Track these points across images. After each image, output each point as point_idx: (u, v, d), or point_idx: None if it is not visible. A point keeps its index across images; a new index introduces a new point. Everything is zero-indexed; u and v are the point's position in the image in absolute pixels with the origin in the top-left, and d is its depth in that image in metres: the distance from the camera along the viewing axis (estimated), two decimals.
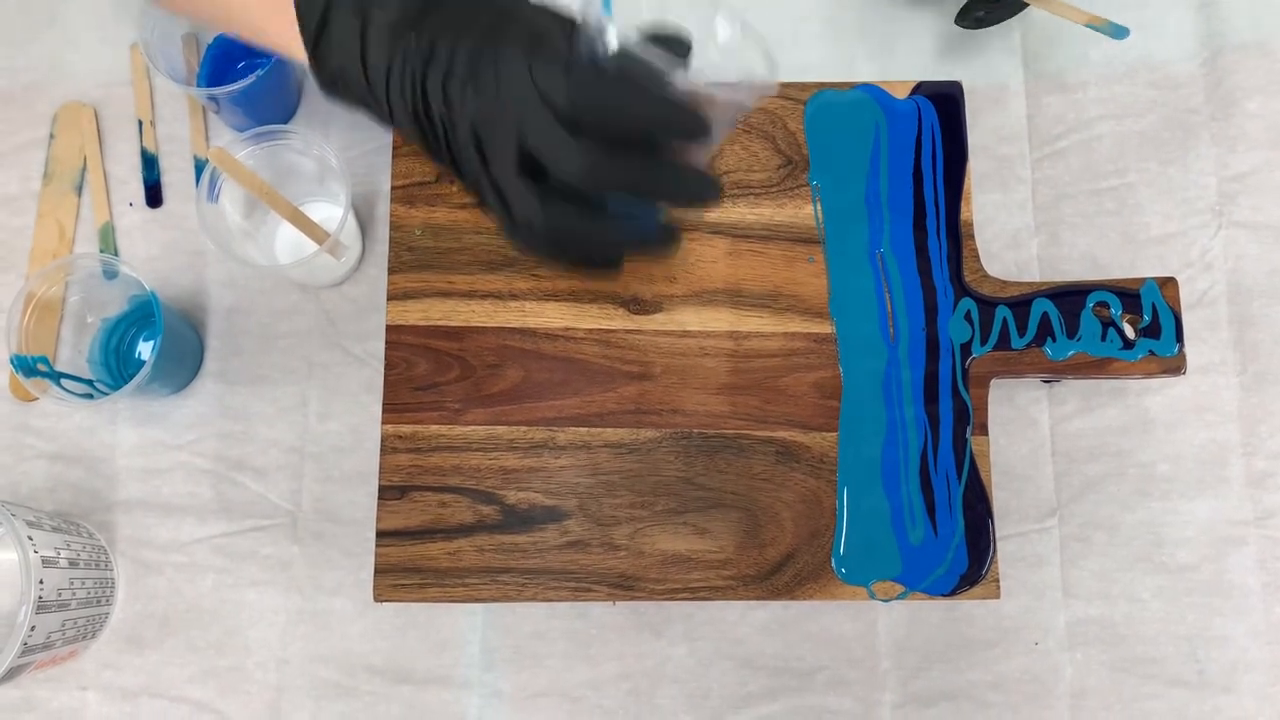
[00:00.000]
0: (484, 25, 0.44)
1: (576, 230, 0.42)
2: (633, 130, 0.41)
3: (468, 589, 0.54)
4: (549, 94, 0.41)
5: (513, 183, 0.41)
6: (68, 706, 0.61)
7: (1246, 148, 0.67)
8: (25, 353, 0.58)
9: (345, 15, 0.45)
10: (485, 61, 0.42)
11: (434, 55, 0.43)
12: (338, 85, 0.46)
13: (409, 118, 0.44)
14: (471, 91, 0.42)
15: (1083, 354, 0.56)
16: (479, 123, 0.42)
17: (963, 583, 0.54)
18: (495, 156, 0.42)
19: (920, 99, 0.59)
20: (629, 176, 0.40)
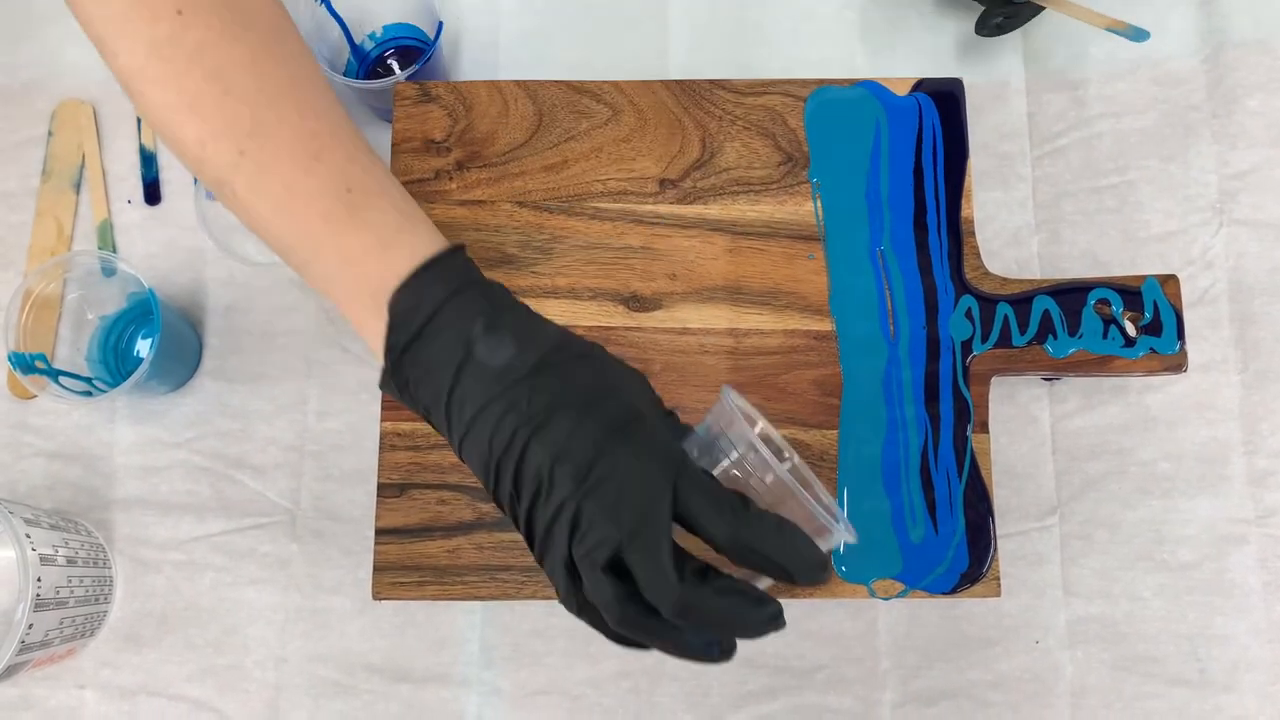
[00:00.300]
0: (610, 415, 0.41)
1: (644, 634, 0.40)
2: (736, 558, 0.40)
3: (467, 587, 0.54)
4: (665, 514, 0.39)
5: (597, 578, 0.39)
6: (65, 705, 0.60)
7: (1247, 145, 0.66)
8: (23, 350, 0.58)
9: (446, 340, 0.42)
10: (611, 462, 0.40)
11: (548, 426, 0.40)
12: (403, 394, 0.44)
13: (482, 463, 0.42)
14: (588, 487, 0.39)
15: (1084, 351, 0.56)
16: (584, 515, 0.39)
17: (963, 581, 0.54)
18: (586, 551, 0.39)
19: (921, 96, 0.59)
20: (715, 617, 0.39)
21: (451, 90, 0.60)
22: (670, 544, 0.39)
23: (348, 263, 0.44)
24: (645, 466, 0.40)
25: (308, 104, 0.45)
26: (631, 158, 0.59)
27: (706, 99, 0.59)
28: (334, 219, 0.44)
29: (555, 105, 0.59)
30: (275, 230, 0.45)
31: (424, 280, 0.43)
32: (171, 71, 0.42)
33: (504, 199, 0.58)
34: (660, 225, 0.58)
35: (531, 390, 0.41)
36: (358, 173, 0.45)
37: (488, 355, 0.41)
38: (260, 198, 0.44)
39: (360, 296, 0.44)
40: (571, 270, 0.57)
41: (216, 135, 0.43)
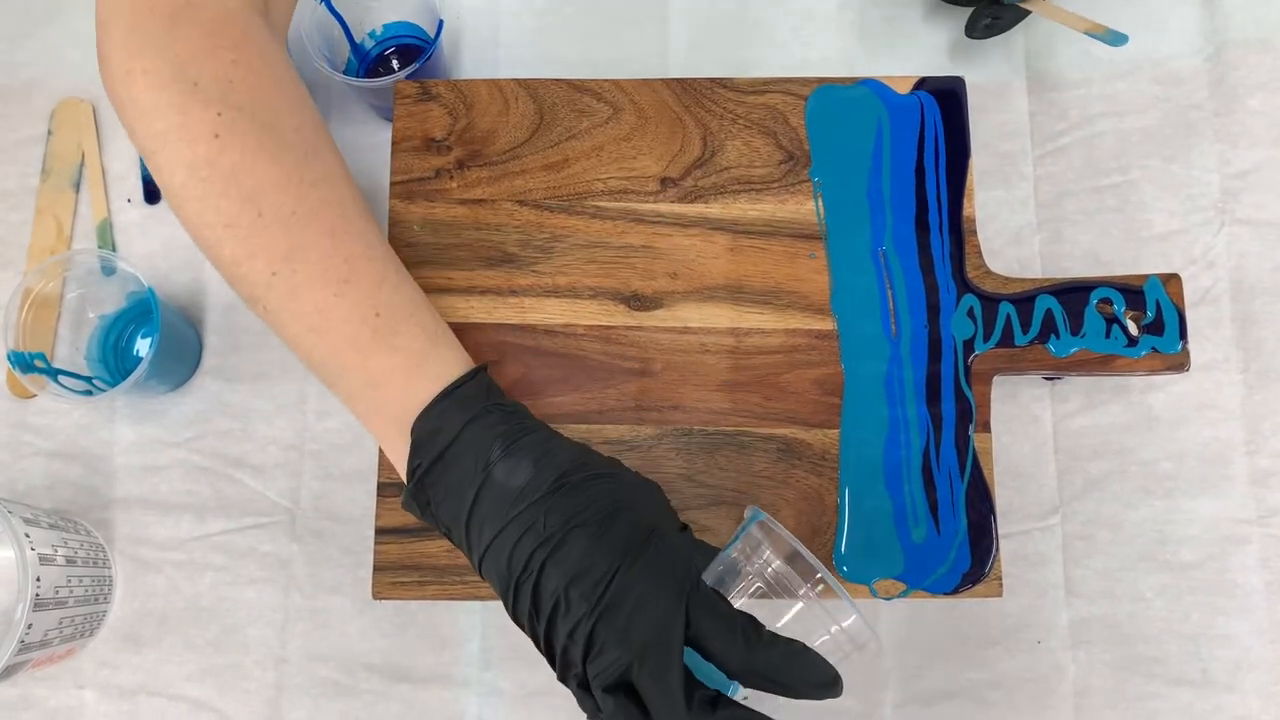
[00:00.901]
0: (624, 536, 0.42)
1: None
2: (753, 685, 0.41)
3: (467, 586, 0.54)
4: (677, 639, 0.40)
5: (605, 699, 0.40)
6: (65, 705, 0.60)
7: (1249, 145, 0.66)
8: (22, 349, 0.58)
9: (466, 463, 0.44)
10: (624, 583, 0.41)
11: (563, 548, 0.42)
12: (424, 513, 0.45)
13: (501, 582, 0.43)
14: (601, 609, 0.40)
15: (1086, 351, 0.56)
16: (597, 637, 0.40)
17: (965, 581, 0.54)
18: (597, 672, 0.40)
19: (923, 94, 0.59)
20: None
21: (452, 89, 0.59)
22: (680, 669, 0.39)
23: (373, 386, 0.46)
24: (658, 589, 0.41)
25: (340, 226, 0.46)
26: (632, 156, 0.58)
27: (707, 97, 0.59)
28: (361, 344, 0.45)
29: (556, 104, 0.59)
30: (306, 347, 0.46)
31: (445, 406, 0.44)
32: (209, 192, 0.44)
33: (504, 198, 0.58)
34: (661, 224, 0.58)
35: (547, 512, 0.42)
36: (386, 295, 0.46)
37: (505, 477, 0.43)
38: (291, 317, 0.45)
39: (385, 418, 0.46)
40: (572, 269, 0.57)
41: (251, 255, 0.44)
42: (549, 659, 0.43)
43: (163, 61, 0.44)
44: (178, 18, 0.44)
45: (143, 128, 0.44)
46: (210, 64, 0.44)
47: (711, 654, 0.40)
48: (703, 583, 0.42)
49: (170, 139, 0.43)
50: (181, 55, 0.44)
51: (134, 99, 0.44)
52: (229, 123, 0.44)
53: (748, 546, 0.44)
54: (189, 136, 0.43)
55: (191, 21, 0.44)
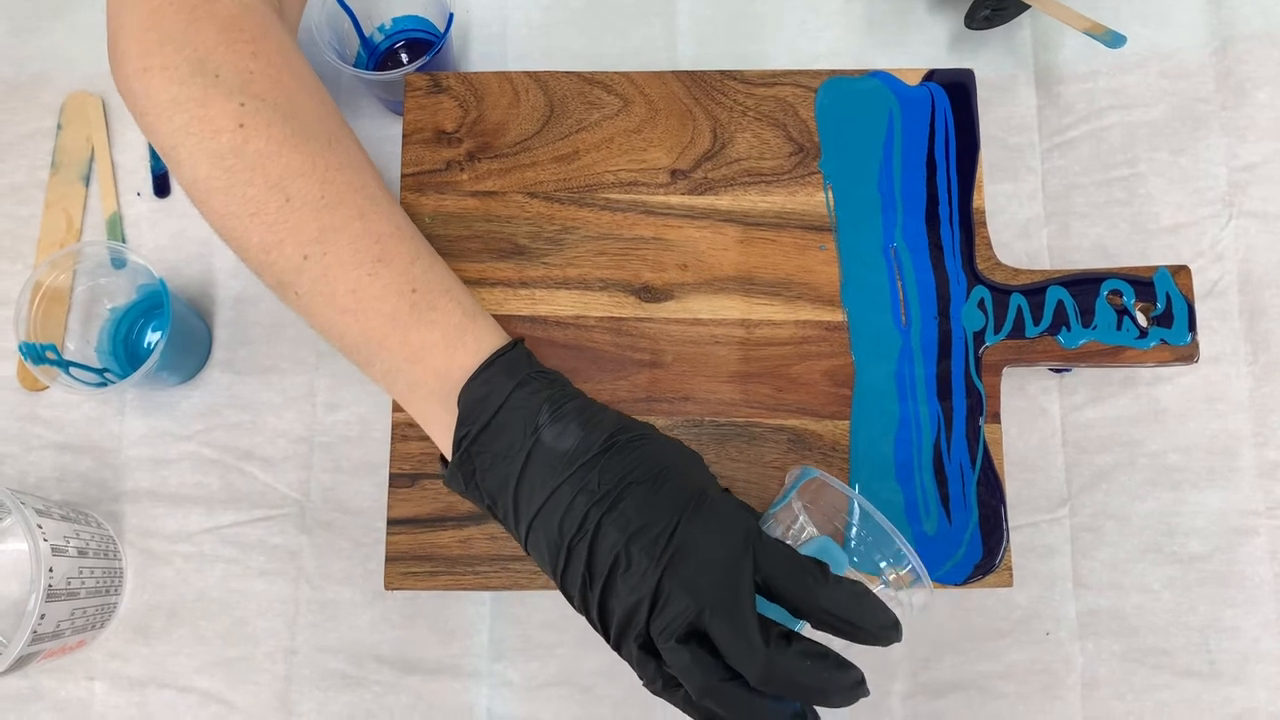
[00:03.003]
0: (679, 491, 0.42)
1: (728, 705, 0.40)
2: (825, 629, 0.41)
3: (479, 577, 0.54)
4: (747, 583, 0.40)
5: (675, 648, 0.40)
6: (75, 696, 0.60)
7: (1257, 138, 0.66)
8: (34, 341, 0.58)
9: (514, 428, 0.44)
10: (687, 535, 0.41)
11: (619, 506, 0.42)
12: (469, 485, 0.45)
13: (551, 548, 0.43)
14: (666, 561, 0.41)
15: (1095, 342, 0.56)
16: (663, 589, 0.40)
17: (976, 572, 0.54)
18: (665, 624, 0.40)
19: (933, 86, 0.59)
20: (801, 681, 0.39)
21: (462, 81, 0.60)
22: (753, 608, 0.40)
23: (413, 361, 0.46)
24: (722, 537, 0.41)
25: (369, 208, 0.46)
26: (642, 148, 0.59)
27: (717, 90, 0.59)
28: (399, 319, 0.45)
29: (566, 96, 0.59)
30: (339, 329, 0.46)
31: (490, 374, 0.45)
32: (235, 181, 0.44)
33: (515, 190, 0.58)
34: (671, 216, 0.58)
35: (601, 471, 0.42)
36: (420, 272, 0.46)
37: (554, 440, 0.43)
38: (324, 301, 0.45)
39: (426, 392, 0.46)
40: (582, 261, 0.57)
41: (281, 241, 0.44)
42: (602, 626, 0.43)
43: (181, 57, 0.44)
44: (196, 13, 0.44)
45: (162, 124, 0.44)
46: (230, 56, 0.44)
47: (780, 595, 0.40)
48: (763, 530, 0.42)
49: (192, 131, 0.43)
50: (200, 49, 0.44)
51: (151, 95, 0.44)
52: (252, 112, 0.44)
53: (800, 501, 0.45)
54: (212, 128, 0.43)
55: (210, 16, 0.44)
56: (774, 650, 0.39)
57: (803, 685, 0.39)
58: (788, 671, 0.39)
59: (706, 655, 0.39)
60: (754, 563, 0.40)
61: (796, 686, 0.39)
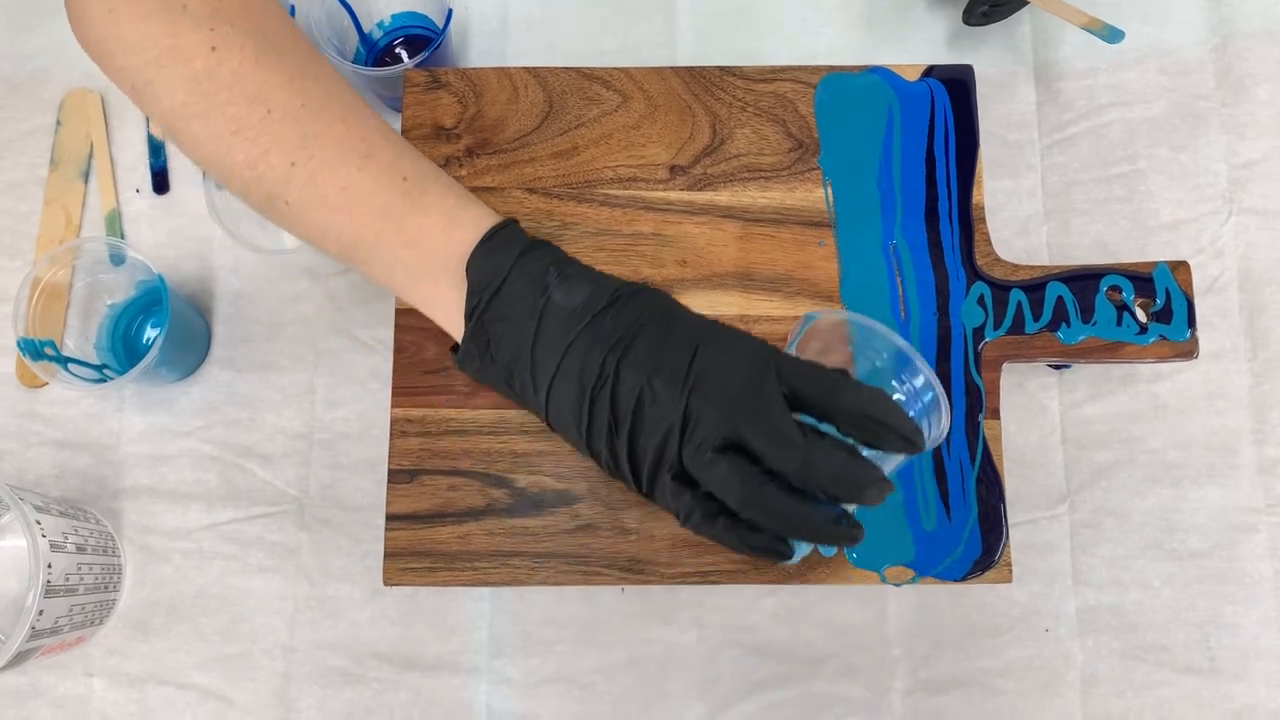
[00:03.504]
0: (692, 326, 0.44)
1: (770, 511, 0.41)
2: (852, 430, 0.41)
3: (477, 572, 0.54)
4: (775, 390, 0.41)
5: (714, 459, 0.40)
6: (74, 693, 0.60)
7: (1256, 134, 0.66)
8: (33, 337, 0.58)
9: (524, 292, 0.45)
10: (706, 359, 0.42)
11: (635, 346, 0.43)
12: (483, 359, 0.46)
13: (574, 406, 0.44)
14: (690, 385, 0.42)
15: (1095, 338, 0.56)
16: (691, 412, 0.41)
17: (976, 568, 0.54)
18: (699, 442, 0.41)
19: (932, 81, 0.59)
20: (837, 471, 0.40)
21: (461, 77, 0.60)
22: (786, 410, 0.41)
23: (412, 246, 0.46)
24: (742, 356, 0.42)
25: (350, 114, 0.47)
26: (641, 144, 0.59)
27: (717, 85, 0.59)
28: (393, 209, 0.46)
29: (565, 92, 0.59)
30: (334, 231, 0.47)
31: (494, 244, 0.46)
32: (213, 103, 0.44)
33: (514, 185, 0.58)
34: (670, 212, 0.58)
35: (613, 319, 0.44)
36: (409, 165, 0.47)
37: (565, 298, 0.44)
38: (316, 204, 0.46)
39: (430, 275, 0.46)
40: (582, 256, 0.56)
41: (266, 153, 0.45)
42: (633, 471, 0.44)
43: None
44: None
45: (132, 60, 0.44)
46: None
47: (805, 401, 0.41)
48: (780, 348, 0.43)
49: (164, 64, 0.44)
50: None
51: (120, 35, 0.44)
52: (223, 36, 0.44)
53: (811, 340, 0.46)
54: (184, 56, 0.44)
55: None
56: (811, 444, 0.40)
57: (841, 479, 0.40)
58: (827, 463, 0.40)
59: (744, 462, 0.40)
60: (777, 374, 0.41)
61: (835, 480, 0.40)
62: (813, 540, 0.42)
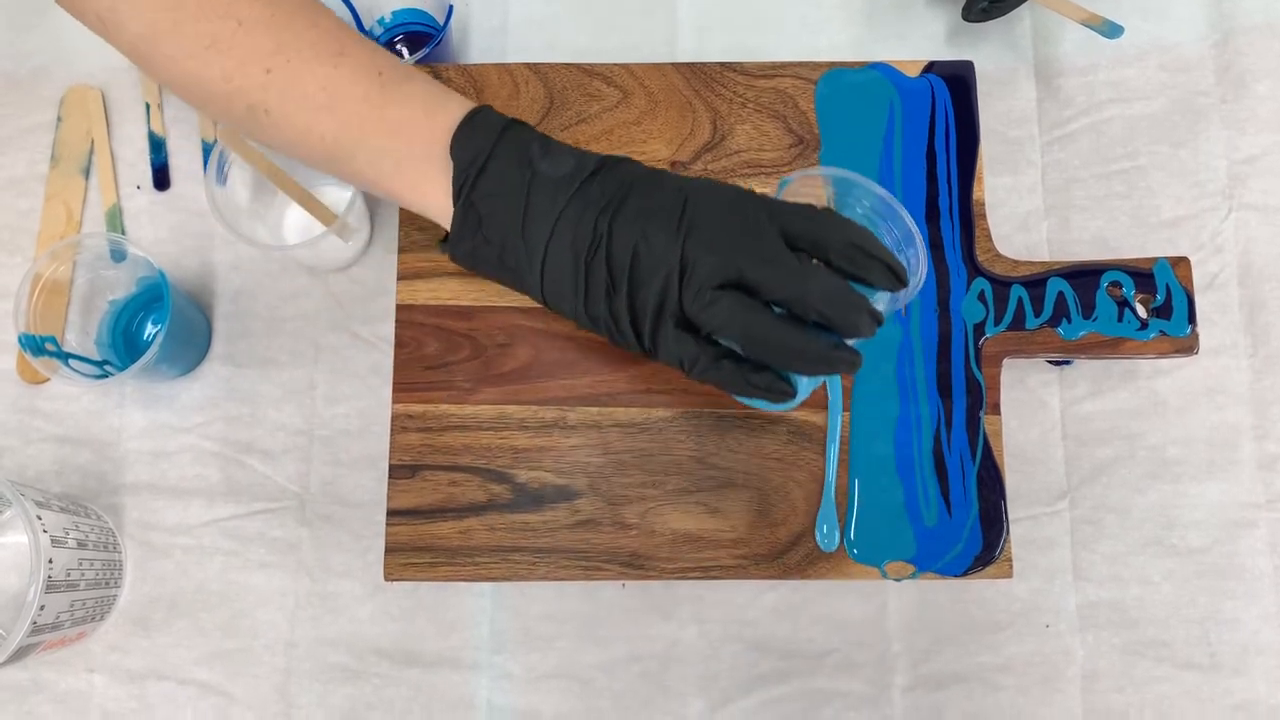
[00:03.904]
0: (679, 180, 0.46)
1: (772, 343, 0.42)
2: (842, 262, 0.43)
3: (478, 568, 0.54)
4: (767, 227, 0.43)
5: (715, 295, 0.42)
6: (75, 689, 0.60)
7: (1257, 130, 0.67)
8: (34, 333, 0.58)
9: (510, 166, 0.46)
10: (698, 206, 0.44)
11: (625, 204, 0.44)
12: (475, 241, 0.47)
13: (571, 276, 0.45)
14: (684, 231, 0.43)
15: (1095, 334, 0.56)
16: (688, 257, 0.43)
17: (976, 563, 0.54)
18: (699, 284, 0.42)
19: (933, 77, 0.59)
20: (834, 296, 0.42)
21: (462, 73, 0.60)
22: (783, 244, 0.43)
23: (395, 135, 0.47)
24: (733, 201, 0.44)
25: (319, 17, 0.48)
26: (642, 140, 0.59)
27: (717, 81, 0.59)
28: (373, 100, 0.47)
29: (566, 88, 0.59)
30: (318, 130, 0.47)
31: (476, 124, 0.47)
32: (182, 18, 0.45)
33: None
34: None
35: (600, 184, 0.45)
36: (383, 60, 0.48)
37: (551, 169, 0.46)
38: (297, 106, 0.47)
39: (416, 160, 0.47)
40: None
41: (241, 63, 0.46)
42: (634, 326, 0.45)
43: None
44: None
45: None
46: None
47: (798, 236, 0.43)
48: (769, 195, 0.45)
49: None
50: None
51: None
52: None
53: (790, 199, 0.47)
54: None
55: None
56: (807, 269, 0.42)
57: (836, 301, 0.42)
58: (822, 287, 0.42)
59: (744, 296, 0.42)
60: (767, 214, 0.43)
61: (831, 303, 0.42)
62: (813, 367, 0.43)
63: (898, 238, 0.47)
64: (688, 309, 0.43)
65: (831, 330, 0.43)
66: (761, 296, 0.42)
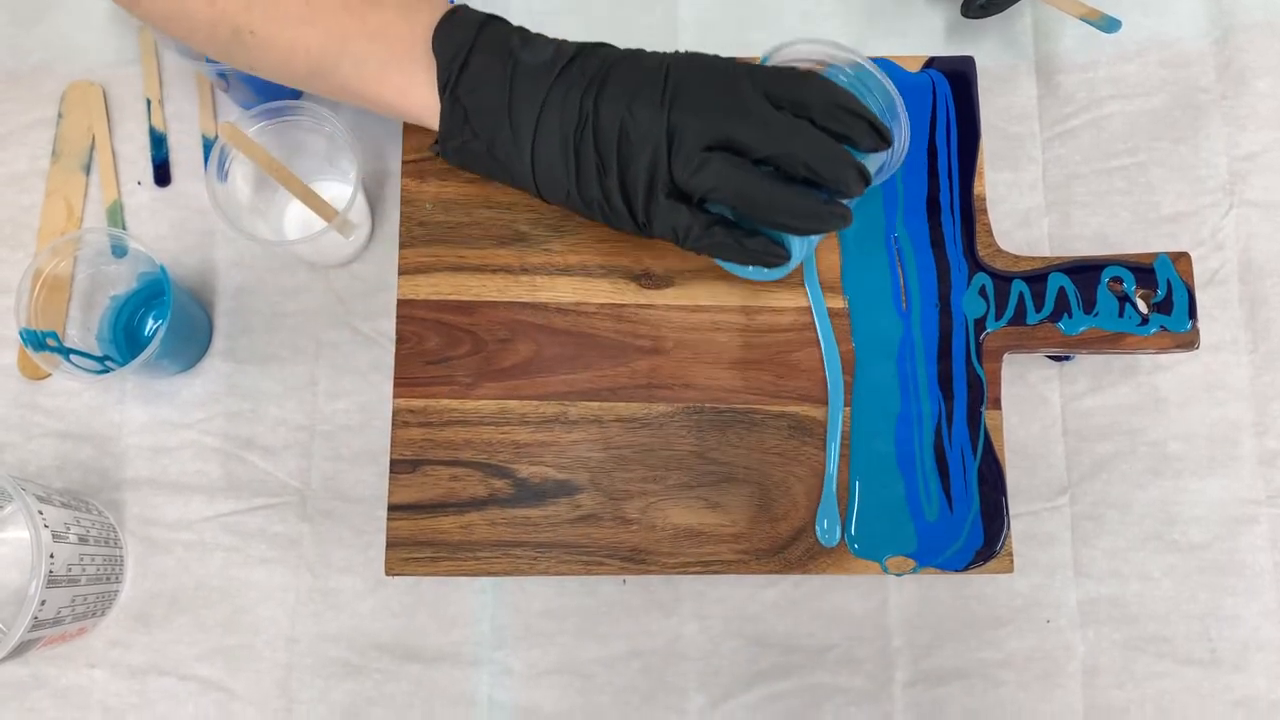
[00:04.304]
0: (660, 55, 0.47)
1: (764, 199, 0.44)
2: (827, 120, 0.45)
3: (479, 562, 0.54)
4: (751, 90, 0.44)
5: (704, 158, 0.44)
6: (76, 684, 0.60)
7: (1257, 127, 0.67)
8: (35, 328, 0.58)
9: (492, 58, 0.48)
10: (681, 76, 0.45)
11: (608, 82, 0.46)
12: (463, 135, 0.48)
13: (562, 158, 0.46)
14: (669, 100, 0.45)
15: (1096, 329, 0.56)
16: (674, 125, 0.44)
17: (977, 558, 0.54)
18: (688, 149, 0.44)
19: (933, 73, 0.59)
20: (822, 151, 0.44)
21: None
22: (764, 99, 0.44)
23: (377, 37, 0.49)
24: (714, 68, 0.45)
25: None
26: None
27: None
28: (352, 7, 0.49)
29: None
30: (302, 45, 0.49)
31: (455, 22, 0.48)
32: None
33: None
34: None
35: (581, 65, 0.47)
36: None
37: (533, 57, 0.47)
38: (281, 23, 0.48)
39: (398, 61, 0.49)
40: (583, 247, 0.57)
41: None
42: (626, 202, 0.47)
43: None
44: None
45: None
46: None
47: (779, 98, 0.44)
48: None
49: None
50: None
51: None
52: None
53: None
54: None
55: None
56: (797, 126, 0.44)
57: (824, 156, 0.44)
58: (809, 141, 0.44)
59: (734, 157, 0.44)
60: (749, 77, 0.44)
61: (818, 157, 0.44)
62: (804, 223, 0.45)
63: (881, 107, 0.48)
64: (678, 177, 0.45)
65: (820, 188, 0.45)
66: (750, 156, 0.44)
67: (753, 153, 0.44)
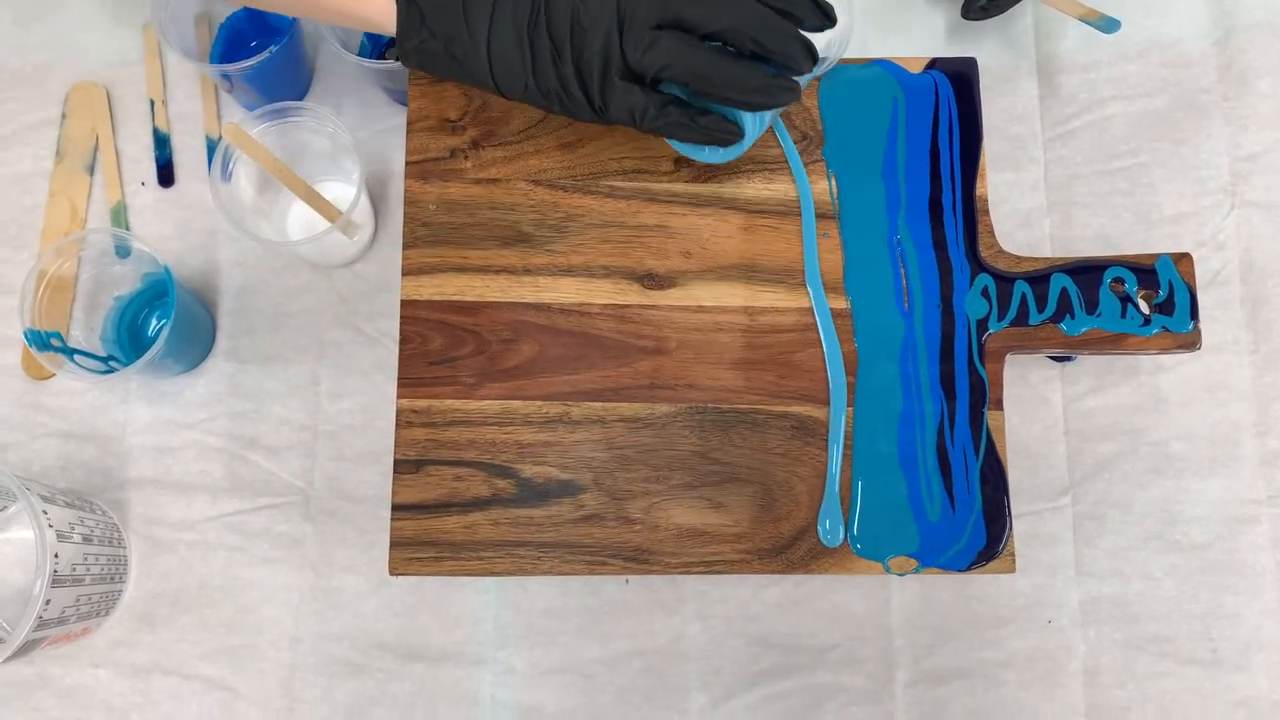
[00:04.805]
0: None
1: (719, 74, 0.46)
2: None
3: (483, 562, 0.54)
4: None
5: (657, 35, 0.46)
6: (80, 684, 0.60)
7: (1258, 127, 0.67)
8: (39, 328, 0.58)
9: None
10: None
11: None
12: (421, 28, 0.49)
13: (514, 39, 0.48)
14: None
15: (1098, 329, 0.56)
16: (624, 8, 0.46)
17: (980, 558, 0.54)
18: (640, 27, 0.46)
19: (936, 74, 0.59)
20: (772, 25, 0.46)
21: None
22: None
23: None
24: None
25: None
26: (647, 136, 0.59)
27: None
28: None
29: None
30: None
31: None
32: None
33: (519, 177, 0.58)
34: (675, 203, 0.58)
35: None
36: None
37: None
38: None
39: None
40: (586, 248, 0.57)
41: None
42: (582, 88, 0.48)
43: None
44: None
45: None
46: None
47: None
48: None
49: None
50: None
51: None
52: None
53: None
54: None
55: None
56: (744, 0, 0.46)
57: (770, 28, 0.46)
58: (759, 14, 0.46)
59: (684, 34, 0.46)
60: None
61: (765, 30, 0.46)
62: (754, 96, 0.47)
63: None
64: (630, 57, 0.46)
65: (769, 63, 0.47)
66: (698, 32, 0.46)
67: (700, 28, 0.46)
